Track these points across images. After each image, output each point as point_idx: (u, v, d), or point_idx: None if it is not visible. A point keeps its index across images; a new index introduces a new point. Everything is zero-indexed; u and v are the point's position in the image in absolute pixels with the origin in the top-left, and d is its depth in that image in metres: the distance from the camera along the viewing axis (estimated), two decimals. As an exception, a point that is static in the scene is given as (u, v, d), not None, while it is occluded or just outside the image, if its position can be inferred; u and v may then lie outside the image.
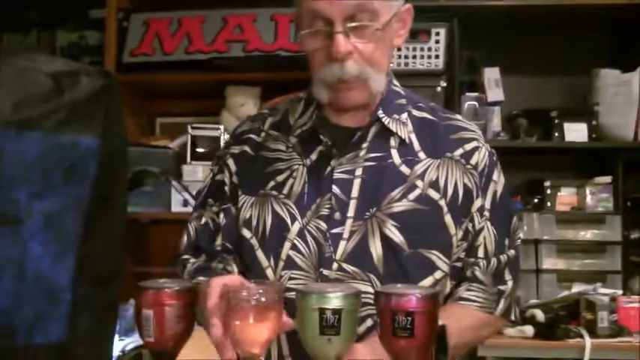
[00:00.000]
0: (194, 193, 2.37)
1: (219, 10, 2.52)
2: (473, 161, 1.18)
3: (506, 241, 1.21)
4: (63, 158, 0.84)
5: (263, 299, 0.86)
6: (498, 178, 1.21)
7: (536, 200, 2.49)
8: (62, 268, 0.87)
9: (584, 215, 2.40)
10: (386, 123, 1.16)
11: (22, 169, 0.84)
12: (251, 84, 2.56)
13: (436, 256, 1.13)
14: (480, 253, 1.18)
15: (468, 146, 1.19)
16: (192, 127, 2.56)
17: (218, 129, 2.55)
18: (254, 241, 1.17)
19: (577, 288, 2.24)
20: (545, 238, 2.36)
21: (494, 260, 1.19)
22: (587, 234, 2.37)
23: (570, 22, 2.53)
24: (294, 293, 0.90)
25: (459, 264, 1.17)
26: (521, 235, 1.26)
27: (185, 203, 2.38)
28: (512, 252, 1.21)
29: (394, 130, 1.17)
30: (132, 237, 2.56)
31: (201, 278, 1.16)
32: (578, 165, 2.59)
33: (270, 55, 2.45)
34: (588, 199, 2.42)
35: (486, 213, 1.18)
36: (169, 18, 2.55)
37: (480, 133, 1.23)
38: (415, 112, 1.21)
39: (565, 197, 2.46)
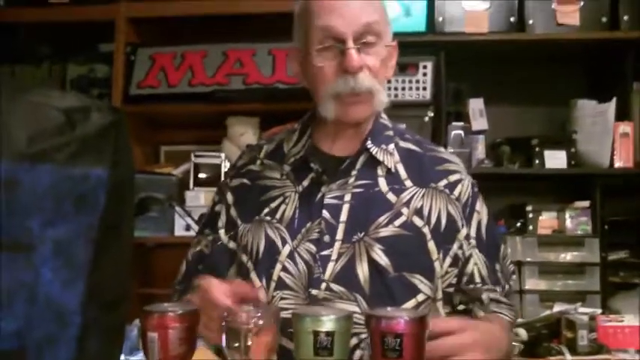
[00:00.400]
0: (196, 217, 2.39)
1: (220, 45, 2.55)
2: (456, 192, 1.20)
3: (497, 266, 1.22)
4: (74, 189, 0.85)
5: (260, 322, 0.86)
6: (481, 208, 1.23)
7: (518, 224, 2.50)
8: (72, 293, 0.87)
9: (565, 238, 2.41)
10: (374, 153, 1.19)
11: (36, 198, 0.85)
12: (250, 115, 2.59)
13: (419, 280, 1.14)
14: (477, 278, 1.19)
15: (452, 178, 1.21)
16: (195, 155, 2.57)
17: (219, 157, 2.56)
18: (249, 265, 1.18)
19: (558, 307, 2.24)
20: (528, 260, 2.37)
21: (490, 282, 1.19)
22: (568, 256, 2.38)
23: (550, 55, 2.58)
24: (286, 312, 0.91)
25: (450, 289, 1.18)
26: (512, 267, 1.27)
27: (188, 227, 2.39)
28: (514, 277, 1.23)
29: (381, 160, 1.19)
30: (137, 260, 2.55)
31: (187, 297, 1.17)
32: (558, 190, 2.61)
33: (269, 87, 2.47)
34: (568, 222, 2.43)
35: (472, 241, 1.19)
36: (174, 52, 2.58)
37: (462, 165, 1.25)
38: (402, 144, 1.23)
39: (546, 221, 2.47)
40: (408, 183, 1.19)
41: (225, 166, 2.54)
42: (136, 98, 2.55)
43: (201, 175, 2.57)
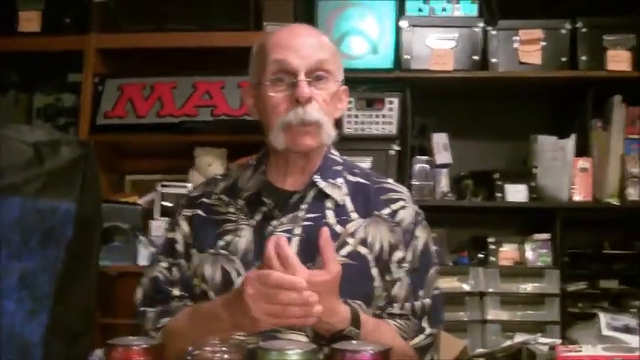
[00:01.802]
0: (161, 247, 2.38)
1: (189, 77, 2.58)
2: (398, 218, 1.25)
3: (421, 292, 1.26)
4: (42, 222, 0.87)
5: (226, 356, 0.88)
6: (421, 235, 1.27)
7: (481, 255, 2.55)
8: (35, 325, 0.88)
9: (525, 269, 2.46)
10: (322, 187, 1.23)
11: (3, 231, 0.86)
12: (218, 146, 2.61)
13: (358, 305, 1.18)
14: (397, 300, 1.24)
15: (395, 206, 1.26)
16: (161, 185, 2.57)
17: (186, 187, 2.55)
18: (212, 294, 1.22)
19: (519, 338, 2.27)
20: (490, 290, 2.42)
21: (407, 305, 1.23)
22: (528, 287, 2.43)
23: (513, 92, 2.67)
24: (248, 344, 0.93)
25: (378, 312, 1.22)
26: (438, 285, 1.30)
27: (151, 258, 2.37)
28: (427, 301, 1.26)
29: (329, 193, 1.24)
30: (100, 289, 2.52)
31: (164, 320, 1.23)
32: (519, 223, 2.68)
33: (236, 119, 2.50)
34: (529, 254, 2.49)
35: (405, 264, 1.24)
36: (143, 83, 2.60)
37: (408, 194, 1.30)
38: (350, 177, 1.29)
39: (507, 252, 2.52)
40: (354, 215, 1.24)
41: (191, 197, 2.54)
42: (103, 128, 2.55)
43: (167, 205, 2.56)
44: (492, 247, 2.52)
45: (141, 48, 2.60)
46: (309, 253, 1.18)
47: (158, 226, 2.48)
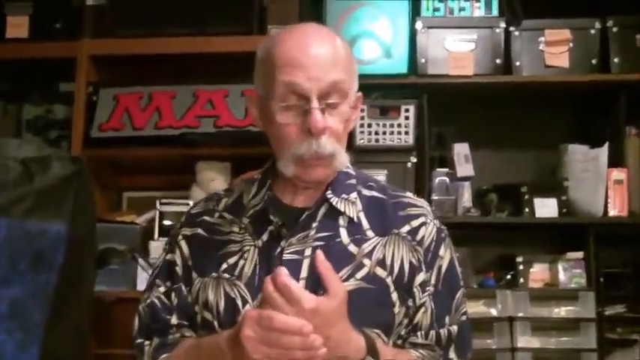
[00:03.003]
0: (161, 270, 2.38)
1: (190, 86, 2.59)
2: (418, 237, 1.23)
3: (447, 319, 1.24)
4: (31, 245, 0.87)
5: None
6: (445, 254, 1.25)
7: (508, 276, 2.53)
8: (26, 357, 0.88)
9: (558, 292, 2.44)
10: (334, 203, 1.22)
11: (-11, 255, 0.86)
12: (221, 159, 2.61)
13: (377, 335, 1.16)
14: (421, 328, 1.22)
15: (415, 222, 1.24)
16: (161, 203, 2.58)
17: (188, 204, 2.55)
18: (215, 324, 1.20)
19: (552, 367, 2.25)
20: (520, 315, 2.39)
21: (432, 333, 1.22)
22: (561, 311, 2.40)
23: (539, 98, 2.65)
24: None
25: (399, 341, 1.20)
26: (465, 310, 1.28)
27: (152, 281, 2.37)
28: (454, 328, 1.24)
29: (342, 210, 1.22)
30: (95, 317, 2.52)
31: (163, 357, 1.21)
32: (549, 240, 2.65)
33: (241, 130, 2.51)
34: (561, 274, 2.46)
35: (429, 288, 1.22)
36: (140, 93, 2.61)
37: (428, 209, 1.28)
38: (365, 192, 1.27)
39: (537, 273, 2.50)
40: (370, 233, 1.22)
41: (194, 215, 2.54)
42: (97, 141, 2.56)
43: (167, 224, 2.57)
44: (521, 267, 2.50)
45: (137, 54, 2.61)
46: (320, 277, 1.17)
47: (158, 247, 2.48)
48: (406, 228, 1.23)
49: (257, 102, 1.23)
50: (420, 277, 1.21)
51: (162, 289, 1.27)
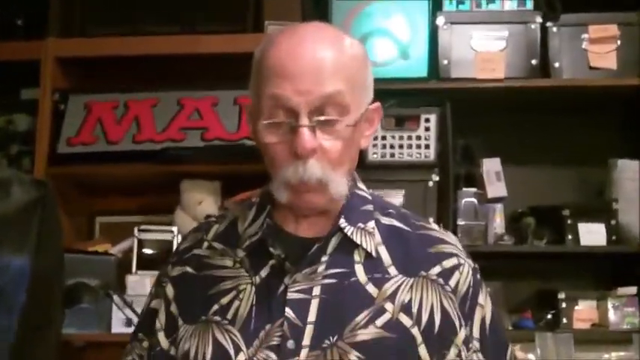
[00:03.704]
0: (139, 309, 2.37)
1: (173, 93, 2.60)
2: (452, 282, 1.21)
3: None
4: (-13, 283, 0.87)
5: None
6: (485, 301, 1.24)
7: (549, 316, 2.52)
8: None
9: (607, 334, 2.43)
10: (349, 233, 1.20)
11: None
12: (210, 178, 2.61)
13: None
14: None
15: (447, 263, 1.22)
16: (140, 229, 2.58)
17: (170, 231, 2.56)
18: None
19: (602, 423, 2.24)
20: (563, 361, 2.38)
21: None
22: (612, 356, 2.39)
23: (582, 105, 2.65)
24: None
25: None
26: None
27: (129, 322, 2.37)
28: None
29: (359, 242, 1.20)
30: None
31: None
32: (597, 273, 2.64)
33: (233, 145, 2.51)
34: (611, 314, 2.45)
35: (475, 343, 1.20)
36: (115, 101, 2.62)
37: (459, 245, 1.26)
38: (384, 220, 1.25)
39: (583, 312, 2.49)
40: (393, 270, 1.19)
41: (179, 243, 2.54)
42: (65, 158, 2.56)
43: (147, 254, 2.57)
44: (564, 305, 2.48)
45: (112, 56, 2.63)
46: (332, 322, 1.15)
47: (136, 282, 2.47)
48: (436, 269, 1.21)
49: (251, 114, 1.21)
50: (462, 334, 1.19)
51: (145, 344, 1.26)
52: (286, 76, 1.12)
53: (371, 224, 1.22)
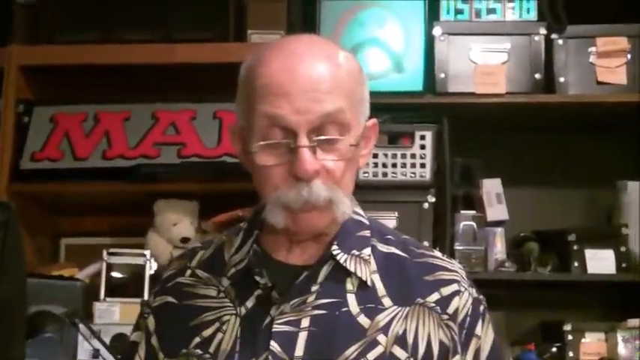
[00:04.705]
0: (108, 340, 2.36)
1: (147, 105, 2.60)
2: (450, 309, 1.21)
3: None
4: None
5: None
6: (484, 334, 1.23)
7: (554, 349, 2.52)
8: None
9: (616, 369, 2.42)
10: (342, 261, 1.20)
11: None
12: (187, 197, 2.61)
13: None
14: None
15: (446, 290, 1.22)
16: (109, 253, 2.56)
17: (143, 255, 2.55)
18: None
19: None
20: (569, 399, 2.38)
21: None
22: (622, 394, 2.40)
23: (589, 122, 2.67)
24: None
25: None
26: None
27: (96, 354, 2.35)
28: None
29: (352, 270, 1.20)
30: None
31: None
32: (605, 303, 2.66)
33: (212, 161, 2.51)
34: (620, 347, 2.46)
35: None
36: (84, 113, 2.61)
37: (463, 274, 1.26)
38: (381, 247, 1.25)
39: (591, 345, 2.49)
40: (387, 301, 1.19)
41: (151, 269, 2.53)
42: (29, 174, 2.56)
43: (117, 279, 2.55)
44: (570, 337, 2.49)
45: (81, 65, 2.62)
46: (321, 355, 1.15)
47: (105, 310, 2.46)
48: (434, 297, 1.21)
49: (240, 134, 1.22)
50: None
51: None
52: (283, 95, 1.12)
53: (367, 251, 1.22)
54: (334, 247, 1.20)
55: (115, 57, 2.59)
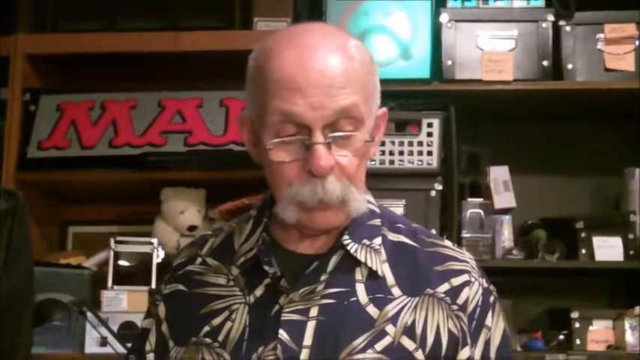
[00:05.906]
0: (116, 328, 2.37)
1: (154, 93, 2.60)
2: (460, 300, 1.20)
3: None
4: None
5: None
6: (494, 324, 1.23)
7: (561, 337, 2.52)
8: None
9: (624, 357, 2.43)
10: (352, 250, 1.19)
11: None
12: (194, 185, 2.61)
13: None
14: None
15: (456, 280, 1.21)
16: (116, 241, 2.57)
17: (150, 243, 2.56)
18: None
19: None
20: (576, 387, 2.38)
21: None
22: (629, 381, 2.40)
23: (597, 110, 2.67)
24: None
25: None
26: None
27: (104, 342, 2.36)
28: None
29: (362, 260, 1.20)
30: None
31: None
32: (613, 290, 2.66)
33: (219, 150, 2.51)
34: (628, 335, 2.45)
35: None
36: (90, 101, 2.61)
37: (473, 264, 1.26)
38: (391, 236, 1.25)
39: (598, 333, 2.49)
40: (396, 291, 1.19)
41: (158, 257, 2.54)
42: (36, 163, 2.56)
43: (124, 267, 2.56)
44: (577, 325, 2.49)
45: (88, 53, 2.63)
46: (329, 345, 1.15)
47: (112, 298, 2.47)
48: (444, 287, 1.20)
49: (249, 124, 1.21)
50: (464, 354, 1.19)
51: None
52: (297, 90, 1.11)
53: (377, 240, 1.22)
54: (345, 236, 1.20)
55: (121, 45, 2.59)
